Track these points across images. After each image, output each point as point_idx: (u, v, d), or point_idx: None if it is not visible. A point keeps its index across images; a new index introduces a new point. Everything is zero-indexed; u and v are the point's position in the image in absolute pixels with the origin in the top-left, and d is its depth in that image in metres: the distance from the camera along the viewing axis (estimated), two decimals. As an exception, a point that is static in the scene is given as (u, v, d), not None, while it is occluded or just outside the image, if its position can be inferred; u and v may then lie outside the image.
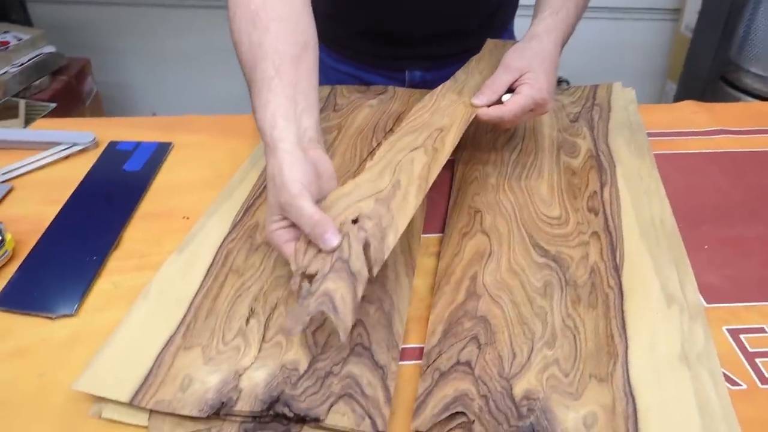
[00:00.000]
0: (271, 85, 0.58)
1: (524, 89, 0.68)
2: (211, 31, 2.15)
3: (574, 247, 0.61)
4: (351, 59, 1.00)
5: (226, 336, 0.52)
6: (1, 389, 0.51)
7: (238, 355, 0.50)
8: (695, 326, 0.52)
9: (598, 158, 0.75)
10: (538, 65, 0.69)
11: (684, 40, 1.97)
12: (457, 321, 0.54)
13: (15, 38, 1.78)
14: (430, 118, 0.69)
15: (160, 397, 0.47)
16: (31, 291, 0.60)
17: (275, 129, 0.56)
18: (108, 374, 0.49)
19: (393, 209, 0.54)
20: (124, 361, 0.50)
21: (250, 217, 0.66)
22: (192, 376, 0.49)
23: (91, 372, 0.49)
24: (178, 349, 0.51)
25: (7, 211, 0.71)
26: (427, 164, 0.60)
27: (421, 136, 0.65)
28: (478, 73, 0.79)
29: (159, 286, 0.58)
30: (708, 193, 0.73)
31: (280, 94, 0.58)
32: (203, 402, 0.46)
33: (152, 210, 0.72)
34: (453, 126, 0.67)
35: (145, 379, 0.48)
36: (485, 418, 0.45)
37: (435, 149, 0.63)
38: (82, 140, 0.81)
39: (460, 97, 0.72)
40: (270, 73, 0.59)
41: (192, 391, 0.47)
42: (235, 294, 0.57)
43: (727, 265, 0.62)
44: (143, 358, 0.50)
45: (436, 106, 0.71)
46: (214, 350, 0.51)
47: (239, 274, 0.59)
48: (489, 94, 0.69)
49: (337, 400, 0.47)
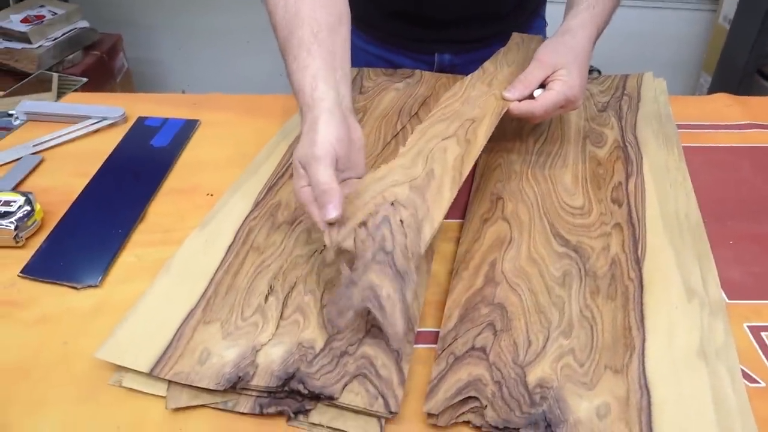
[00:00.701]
0: (311, 49, 0.59)
1: (557, 86, 0.67)
2: (242, 8, 2.16)
3: (595, 237, 0.61)
4: (380, 41, 0.99)
5: (245, 312, 0.53)
6: (27, 355, 0.53)
7: (256, 331, 0.51)
8: (715, 322, 0.52)
9: (625, 149, 0.74)
10: (571, 61, 0.68)
11: (721, 31, 1.92)
12: (474, 306, 0.54)
13: (50, 12, 1.81)
14: (461, 108, 0.68)
15: (179, 369, 0.48)
16: (57, 261, 0.61)
17: (316, 90, 0.57)
18: (129, 345, 0.50)
19: (428, 200, 0.54)
20: (145, 332, 0.51)
21: (273, 195, 0.67)
22: (210, 350, 0.50)
23: (113, 342, 0.50)
24: (198, 323, 0.52)
25: (38, 182, 0.73)
26: (461, 156, 0.59)
27: (453, 125, 0.64)
28: (506, 65, 0.78)
29: (181, 260, 0.59)
30: (736, 188, 0.71)
31: (319, 59, 0.59)
32: (220, 375, 0.47)
33: (177, 186, 0.73)
34: (485, 118, 0.66)
35: (164, 351, 0.49)
36: (498, 403, 0.46)
37: (468, 141, 0.62)
38: (111, 115, 0.82)
39: (490, 89, 0.71)
40: (309, 39, 0.60)
41: (210, 364, 0.48)
42: (255, 271, 0.57)
43: (752, 261, 0.61)
44: (164, 330, 0.51)
45: (466, 95, 0.70)
46: (233, 325, 0.52)
47: (260, 251, 0.60)
48: (521, 89, 0.69)
49: (351, 380, 0.47)
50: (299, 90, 0.58)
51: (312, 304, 0.54)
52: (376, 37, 1.00)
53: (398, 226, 0.51)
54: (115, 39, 2.00)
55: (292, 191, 0.57)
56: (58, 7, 1.85)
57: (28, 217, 0.63)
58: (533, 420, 0.45)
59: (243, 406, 0.47)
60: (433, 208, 0.53)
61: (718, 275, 0.57)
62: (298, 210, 0.64)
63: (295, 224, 0.62)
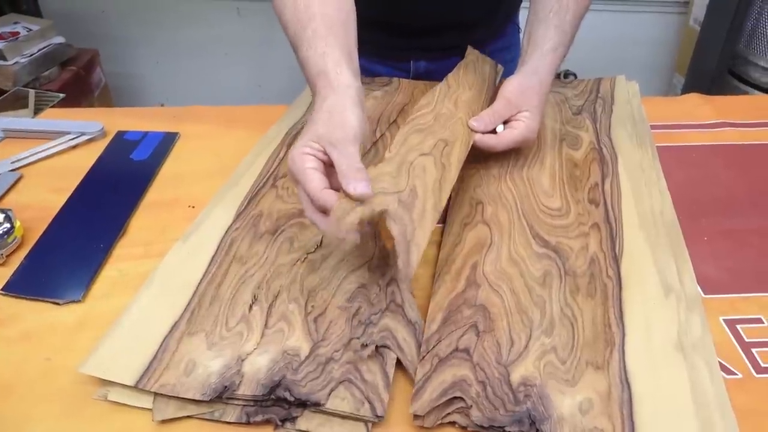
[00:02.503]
0: (328, 39, 0.62)
1: (519, 126, 0.71)
2: (220, 22, 2.16)
3: (574, 237, 0.62)
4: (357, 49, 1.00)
5: (229, 322, 0.53)
6: (10, 372, 0.52)
7: (241, 340, 0.51)
8: (692, 316, 0.53)
9: (600, 150, 0.75)
10: (536, 105, 0.72)
11: (692, 33, 1.96)
12: (457, 309, 0.54)
13: (25, 29, 1.79)
14: (433, 123, 0.69)
15: (165, 381, 0.48)
16: (39, 277, 0.61)
17: (341, 75, 0.59)
18: (114, 358, 0.50)
19: (415, 221, 0.54)
20: (129, 345, 0.51)
21: (254, 206, 0.67)
22: (196, 360, 0.50)
23: (97, 356, 0.50)
24: (182, 334, 0.52)
25: (17, 199, 0.73)
26: (438, 180, 0.61)
27: (428, 141, 0.65)
28: (467, 87, 0.79)
29: (164, 273, 0.59)
30: (709, 186, 0.73)
31: (338, 49, 0.61)
32: (206, 386, 0.47)
33: (158, 199, 0.73)
34: (456, 144, 0.67)
35: (150, 364, 0.49)
36: (482, 403, 0.46)
37: (443, 165, 0.63)
38: (90, 129, 0.82)
39: (457, 111, 0.73)
40: (323, 32, 0.62)
41: (195, 375, 0.48)
42: (238, 281, 0.58)
43: (726, 256, 0.62)
44: (148, 343, 0.51)
45: (437, 111, 0.72)
46: (218, 336, 0.52)
47: (242, 262, 0.60)
48: (488, 123, 0.71)
49: (337, 386, 0.48)
50: (321, 72, 0.60)
51: (296, 312, 0.54)
52: None
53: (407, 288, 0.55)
54: (92, 54, 1.99)
55: (291, 154, 0.56)
56: (33, 24, 1.84)
57: (7, 234, 0.63)
58: (518, 418, 0.45)
59: (230, 416, 0.47)
60: (418, 231, 0.54)
61: (693, 271, 0.58)
62: (279, 219, 0.64)
63: (277, 233, 0.62)
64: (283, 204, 0.66)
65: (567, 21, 0.74)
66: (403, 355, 0.50)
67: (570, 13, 0.74)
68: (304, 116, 0.84)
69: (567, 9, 0.74)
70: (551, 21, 0.74)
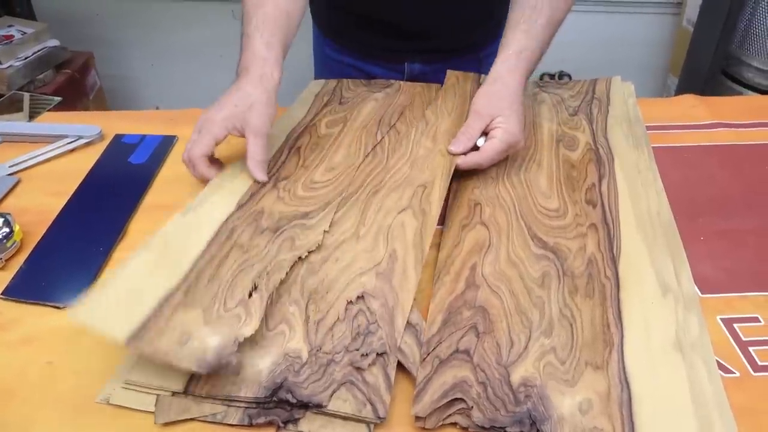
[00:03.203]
0: (274, 31, 0.72)
1: (498, 133, 0.70)
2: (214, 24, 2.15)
3: (572, 238, 0.62)
4: (353, 50, 1.01)
5: (227, 303, 0.53)
6: (11, 376, 0.52)
7: (239, 323, 0.51)
8: (690, 316, 0.54)
9: (597, 151, 0.76)
10: (506, 108, 0.71)
11: (685, 34, 1.97)
12: (457, 310, 0.55)
13: (19, 32, 1.79)
14: (410, 172, 0.71)
15: (158, 347, 0.48)
16: (39, 281, 0.61)
17: (266, 66, 0.71)
18: (106, 311, 0.50)
19: (396, 287, 0.56)
20: (123, 301, 0.51)
21: (256, 203, 0.67)
22: (191, 333, 0.49)
23: (89, 305, 0.50)
24: (178, 304, 0.52)
25: (15, 203, 0.73)
26: (419, 230, 0.62)
27: (406, 194, 0.67)
28: (447, 114, 0.81)
29: (162, 240, 0.58)
30: (705, 186, 0.74)
31: (276, 40, 0.72)
32: (202, 359, 0.47)
33: (157, 201, 0.73)
34: (436, 181, 0.69)
35: (143, 324, 0.49)
36: (483, 404, 0.47)
37: (423, 211, 0.65)
38: (87, 133, 0.82)
39: (435, 145, 0.74)
40: (270, 18, 0.73)
41: (190, 347, 0.48)
42: (238, 267, 0.57)
43: (723, 256, 0.63)
44: (143, 302, 0.51)
45: (413, 156, 0.73)
46: (215, 314, 0.52)
47: (243, 250, 0.60)
48: (465, 141, 0.72)
49: (339, 387, 0.48)
50: (253, 54, 0.71)
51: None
52: (348, 47, 1.01)
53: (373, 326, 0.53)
54: (87, 57, 1.98)
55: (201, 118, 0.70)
56: (28, 27, 1.83)
57: (7, 238, 0.63)
58: (518, 418, 0.46)
59: (232, 418, 0.47)
60: (401, 295, 0.55)
61: (690, 270, 0.58)
62: (281, 221, 0.64)
63: (279, 232, 0.63)
64: (284, 206, 0.66)
65: (538, 25, 0.75)
66: (405, 358, 0.51)
67: (542, 18, 0.75)
68: (305, 118, 0.85)
69: (540, 13, 0.75)
70: (520, 27, 0.75)
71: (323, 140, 0.79)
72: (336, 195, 0.68)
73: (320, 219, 0.64)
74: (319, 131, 0.81)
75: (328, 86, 0.94)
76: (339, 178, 0.71)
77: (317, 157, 0.75)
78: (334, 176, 0.71)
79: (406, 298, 0.55)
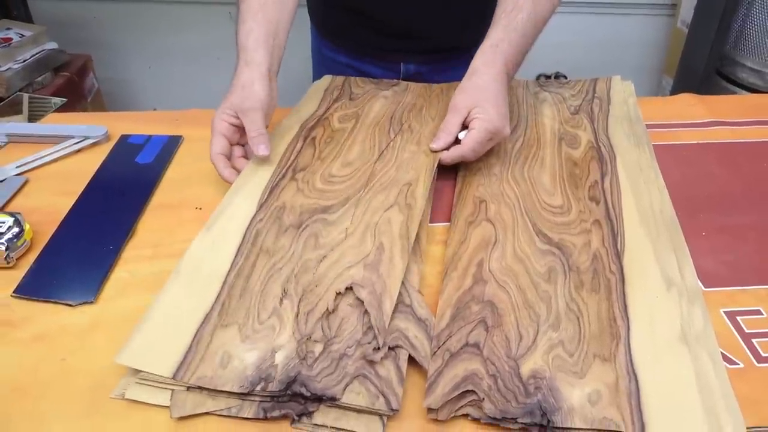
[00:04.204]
0: (257, 17, 0.75)
1: (476, 123, 0.71)
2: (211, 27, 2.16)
3: (576, 234, 0.63)
4: (349, 50, 1.02)
5: (261, 315, 0.54)
6: (25, 373, 0.53)
7: (274, 334, 0.52)
8: (694, 309, 0.55)
9: (599, 149, 0.77)
10: (483, 99, 0.72)
11: (680, 35, 1.99)
12: (465, 305, 0.56)
13: (17, 35, 1.79)
14: (396, 174, 0.72)
15: (202, 374, 0.49)
16: (50, 279, 0.61)
17: (256, 54, 0.74)
18: (148, 349, 0.51)
19: (383, 275, 0.57)
20: (163, 336, 0.52)
21: (276, 198, 0.68)
22: (231, 353, 0.51)
23: (131, 346, 0.51)
24: (215, 327, 0.53)
25: (23, 203, 0.73)
26: (405, 222, 0.64)
27: (392, 193, 0.68)
28: (430, 119, 0.83)
29: (190, 263, 0.60)
30: (705, 183, 0.75)
31: (263, 28, 0.75)
32: (243, 378, 0.49)
33: (165, 201, 0.74)
34: (420, 177, 0.70)
35: (185, 355, 0.50)
36: (494, 396, 0.47)
37: (408, 205, 0.66)
38: (94, 134, 0.83)
39: (419, 148, 0.76)
40: (256, 8, 0.76)
41: (231, 368, 0.49)
42: (267, 274, 0.58)
43: (724, 250, 0.64)
44: (182, 334, 0.52)
45: (399, 160, 0.75)
46: (250, 329, 0.53)
47: (270, 254, 0.61)
48: (444, 137, 0.73)
49: (352, 380, 0.49)
50: (242, 47, 0.75)
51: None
52: (344, 47, 1.03)
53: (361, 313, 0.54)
54: (85, 59, 1.99)
55: (213, 118, 0.74)
56: (26, 29, 1.84)
57: (17, 237, 0.63)
58: (529, 409, 0.47)
59: (247, 412, 0.48)
60: (389, 282, 0.57)
61: (693, 265, 0.59)
62: (303, 214, 0.65)
63: (302, 228, 0.63)
64: (305, 198, 0.67)
65: (518, 20, 0.76)
66: (416, 352, 0.52)
67: (523, 12, 0.76)
68: (317, 111, 0.86)
69: (520, 9, 0.76)
70: (500, 22, 0.77)
71: (337, 134, 0.80)
72: (355, 191, 0.69)
73: (341, 215, 0.65)
74: (332, 125, 0.83)
75: (335, 82, 0.95)
76: (356, 175, 0.72)
77: (333, 150, 0.77)
78: (351, 172, 0.73)
79: (393, 284, 0.56)
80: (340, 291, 0.56)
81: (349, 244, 0.62)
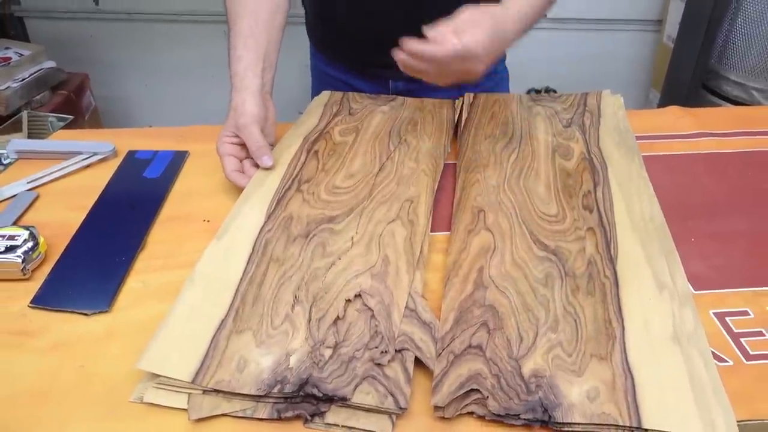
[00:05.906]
0: (247, 42, 0.80)
1: (463, 37, 0.70)
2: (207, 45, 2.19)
3: (571, 241, 0.66)
4: (341, 65, 1.05)
5: (274, 321, 0.57)
6: (45, 379, 0.55)
7: (287, 339, 0.55)
8: (685, 310, 0.57)
9: (591, 160, 0.80)
10: (488, 20, 0.72)
11: (666, 50, 2.04)
12: (468, 309, 0.58)
13: (16, 54, 1.81)
14: (397, 189, 0.75)
15: (220, 378, 0.51)
16: (65, 290, 0.63)
17: (245, 79, 0.78)
18: (168, 354, 0.53)
19: (390, 286, 0.60)
20: (181, 342, 0.54)
21: (283, 208, 0.71)
22: (246, 357, 0.53)
23: (152, 352, 0.53)
24: (230, 332, 0.55)
25: (35, 217, 0.75)
26: (408, 237, 0.67)
27: (394, 207, 0.72)
28: (427, 137, 0.86)
29: (203, 272, 0.62)
30: (693, 191, 0.78)
31: (253, 53, 0.80)
32: (260, 381, 0.51)
33: (173, 214, 0.76)
34: (421, 197, 0.73)
35: (203, 360, 0.53)
36: (498, 394, 0.50)
37: (411, 222, 0.69)
38: (102, 150, 0.85)
39: (418, 166, 0.79)
40: (246, 32, 0.80)
41: (248, 372, 0.52)
42: (278, 282, 0.61)
43: (712, 255, 0.67)
44: (199, 340, 0.54)
45: (399, 174, 0.78)
46: (265, 334, 0.55)
47: (280, 263, 0.63)
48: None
49: (361, 381, 0.51)
50: (234, 74, 0.79)
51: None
52: (336, 62, 1.05)
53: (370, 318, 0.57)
54: (82, 78, 2.01)
55: (217, 143, 0.78)
56: (24, 49, 1.86)
57: (32, 250, 0.65)
58: (531, 406, 0.49)
59: (261, 413, 0.50)
60: (396, 294, 0.59)
61: (683, 269, 0.62)
62: (310, 224, 0.68)
63: (310, 237, 0.66)
64: (311, 209, 0.70)
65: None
66: (422, 353, 0.54)
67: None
68: (318, 125, 0.89)
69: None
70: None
71: (339, 147, 0.83)
72: (358, 202, 0.72)
73: (346, 225, 0.68)
74: (334, 138, 0.86)
75: (334, 97, 0.98)
76: (359, 186, 0.75)
77: (336, 163, 0.80)
78: (354, 183, 0.76)
79: (400, 296, 0.59)
80: (350, 298, 0.58)
81: (356, 252, 0.64)
